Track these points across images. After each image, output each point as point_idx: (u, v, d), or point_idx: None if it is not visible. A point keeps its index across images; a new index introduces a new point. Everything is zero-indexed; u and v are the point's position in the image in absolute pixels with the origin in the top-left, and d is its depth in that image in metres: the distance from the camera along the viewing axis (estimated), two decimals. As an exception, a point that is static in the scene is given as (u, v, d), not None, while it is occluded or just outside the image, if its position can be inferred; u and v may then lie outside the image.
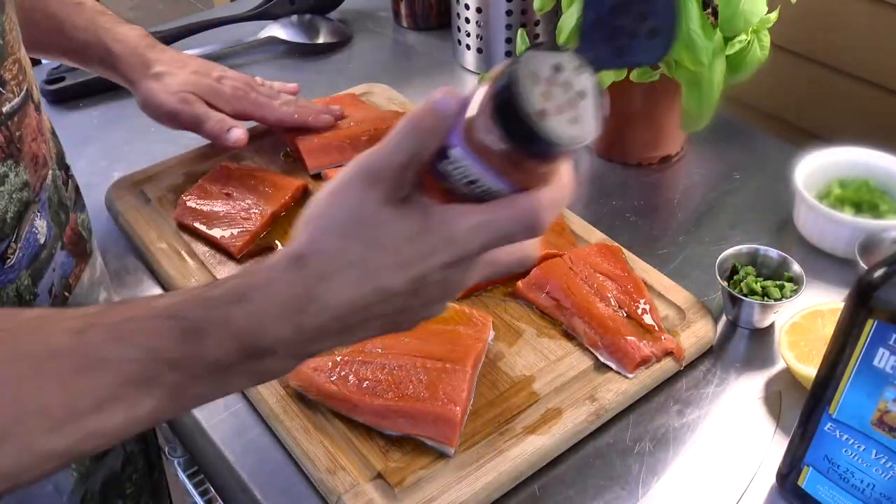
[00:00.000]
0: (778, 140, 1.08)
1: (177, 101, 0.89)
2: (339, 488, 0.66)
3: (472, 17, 1.19)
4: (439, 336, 0.76)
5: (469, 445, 0.69)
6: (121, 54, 0.89)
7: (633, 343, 0.75)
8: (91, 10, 0.90)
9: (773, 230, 0.94)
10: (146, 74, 0.90)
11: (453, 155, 0.46)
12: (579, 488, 0.68)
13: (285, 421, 0.71)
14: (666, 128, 1.01)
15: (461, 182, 0.47)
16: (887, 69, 1.04)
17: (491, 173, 0.46)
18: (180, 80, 0.90)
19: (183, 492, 1.14)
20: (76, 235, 0.73)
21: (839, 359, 0.58)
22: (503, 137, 0.43)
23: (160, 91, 0.89)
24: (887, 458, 0.58)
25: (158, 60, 0.91)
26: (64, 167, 0.74)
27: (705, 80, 0.86)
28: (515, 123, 0.42)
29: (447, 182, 0.48)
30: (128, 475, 0.82)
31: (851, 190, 0.91)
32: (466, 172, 0.47)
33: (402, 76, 1.24)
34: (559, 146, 0.43)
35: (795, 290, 0.79)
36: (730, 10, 0.83)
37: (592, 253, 0.85)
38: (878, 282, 0.54)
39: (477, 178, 0.47)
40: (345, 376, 0.72)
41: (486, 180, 0.46)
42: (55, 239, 0.68)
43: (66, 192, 0.73)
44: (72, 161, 1.07)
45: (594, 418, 0.72)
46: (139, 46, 0.91)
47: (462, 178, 0.47)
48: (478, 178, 0.47)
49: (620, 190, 1.01)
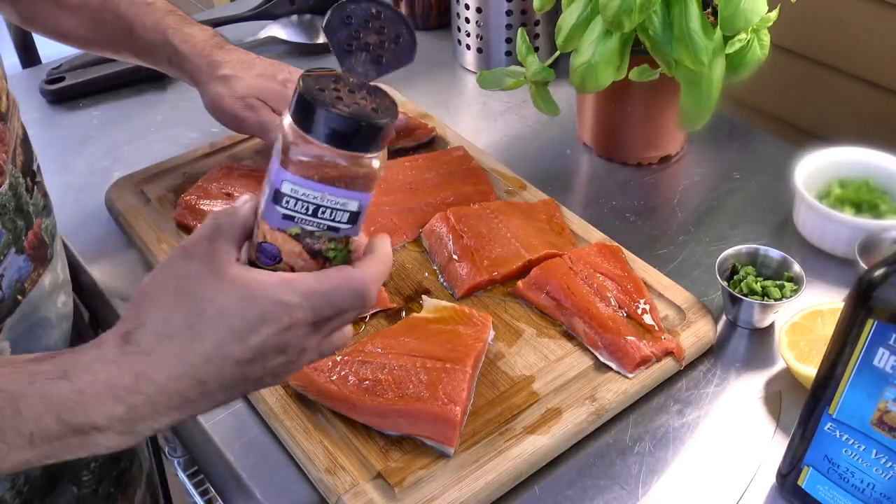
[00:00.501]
0: (778, 140, 1.08)
1: (242, 106, 0.88)
2: (339, 488, 0.66)
3: (472, 17, 1.19)
4: (439, 336, 0.76)
5: (469, 445, 0.69)
6: (187, 54, 0.88)
7: (633, 343, 0.75)
8: (161, 10, 0.90)
9: (773, 230, 0.94)
10: (212, 76, 0.88)
11: (286, 189, 0.50)
12: (579, 488, 0.68)
13: (285, 421, 0.71)
14: (666, 128, 1.01)
15: (305, 219, 0.51)
16: (887, 69, 1.04)
17: (326, 186, 0.50)
18: (246, 83, 0.88)
19: (183, 492, 1.14)
20: (38, 240, 0.73)
21: (839, 359, 0.58)
22: (318, 138, 0.48)
23: (226, 96, 0.88)
24: (887, 458, 0.58)
25: (225, 62, 0.89)
26: (30, 174, 0.74)
27: (705, 80, 0.86)
28: (319, 118, 0.48)
29: (291, 232, 0.51)
30: (84, 463, 0.82)
31: (851, 190, 0.91)
32: (307, 199, 0.50)
33: (402, 76, 1.23)
34: (361, 124, 0.48)
35: (795, 290, 0.79)
36: (730, 10, 0.83)
37: (592, 253, 0.85)
38: (878, 282, 0.54)
39: (318, 203, 0.50)
40: (345, 376, 0.72)
41: (327, 199, 0.50)
42: (6, 245, 0.68)
43: (30, 199, 0.73)
44: (72, 161, 1.07)
45: (594, 418, 0.72)
46: (206, 47, 0.89)
47: (304, 211, 0.50)
48: (318, 200, 0.50)
49: (620, 190, 1.01)
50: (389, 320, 0.81)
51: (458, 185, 0.96)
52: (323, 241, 0.52)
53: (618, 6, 0.81)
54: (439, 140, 1.06)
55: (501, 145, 1.10)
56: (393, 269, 0.87)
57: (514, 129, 1.13)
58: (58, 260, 0.78)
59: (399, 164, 0.98)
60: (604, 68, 0.87)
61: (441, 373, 0.71)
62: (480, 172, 0.98)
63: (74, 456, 0.48)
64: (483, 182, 0.97)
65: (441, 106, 1.18)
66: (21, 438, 0.46)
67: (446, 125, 1.09)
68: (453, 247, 0.86)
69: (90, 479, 0.82)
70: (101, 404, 0.47)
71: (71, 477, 0.81)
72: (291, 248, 0.52)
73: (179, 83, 1.22)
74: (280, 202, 0.50)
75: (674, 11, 0.84)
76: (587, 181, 1.05)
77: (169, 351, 0.48)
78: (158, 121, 1.15)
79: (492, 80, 1.00)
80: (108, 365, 0.47)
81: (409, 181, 0.96)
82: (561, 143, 1.10)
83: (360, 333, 0.80)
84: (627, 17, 0.82)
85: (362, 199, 0.52)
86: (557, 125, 1.13)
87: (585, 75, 0.88)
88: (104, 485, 0.85)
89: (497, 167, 1.00)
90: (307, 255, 0.52)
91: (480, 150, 1.03)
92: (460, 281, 0.83)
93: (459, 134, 1.07)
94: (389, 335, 0.77)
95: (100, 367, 0.47)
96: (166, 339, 0.48)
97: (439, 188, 0.95)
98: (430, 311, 0.80)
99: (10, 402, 0.45)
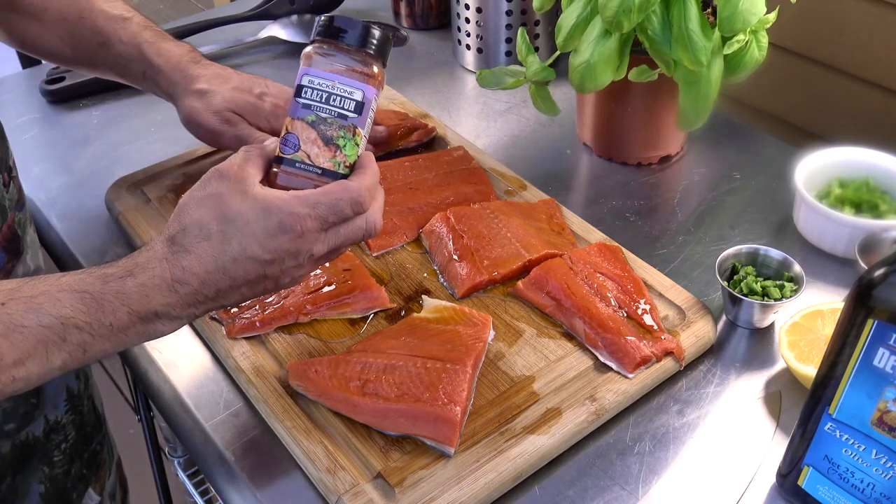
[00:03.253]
0: (778, 140, 1.08)
1: (219, 121, 0.88)
2: (339, 488, 0.66)
3: (472, 17, 1.19)
4: (439, 336, 0.76)
5: (469, 445, 0.69)
6: (163, 68, 0.88)
7: (633, 343, 0.75)
8: (138, 24, 0.89)
9: (773, 230, 0.94)
10: (188, 90, 0.88)
11: (305, 81, 0.64)
12: (579, 488, 0.68)
13: (285, 421, 0.71)
14: (666, 128, 1.01)
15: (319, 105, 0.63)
16: (887, 69, 1.04)
17: (336, 75, 0.64)
18: (222, 97, 0.88)
19: (183, 492, 1.14)
20: (11, 233, 0.75)
21: (839, 359, 0.58)
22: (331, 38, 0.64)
23: (202, 110, 0.88)
24: (887, 458, 0.58)
25: (201, 76, 0.89)
26: (6, 169, 0.75)
27: (703, 80, 0.86)
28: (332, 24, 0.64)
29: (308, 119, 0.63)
30: (55, 444, 0.83)
31: (851, 190, 0.91)
32: (321, 88, 0.63)
33: (402, 76, 1.24)
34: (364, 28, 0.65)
35: (795, 290, 0.79)
36: (729, 10, 0.83)
37: (592, 253, 0.85)
38: (878, 282, 0.54)
39: (330, 91, 0.63)
40: (345, 376, 0.72)
41: (337, 87, 0.64)
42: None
43: (6, 193, 0.74)
44: (72, 161, 1.07)
45: (594, 418, 0.72)
46: (182, 61, 0.89)
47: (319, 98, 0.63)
48: (330, 88, 0.63)
49: (620, 190, 1.01)
50: (389, 320, 0.81)
51: (458, 185, 0.96)
52: (334, 128, 0.64)
53: (617, 6, 0.81)
54: (439, 140, 1.06)
55: (501, 145, 1.10)
56: (393, 269, 0.87)
57: (514, 129, 1.13)
58: (32, 251, 0.79)
59: (399, 164, 0.98)
60: (603, 68, 0.87)
61: (441, 373, 0.71)
62: (480, 172, 0.98)
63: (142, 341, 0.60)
64: (483, 182, 0.97)
65: (441, 106, 1.18)
66: (103, 329, 0.56)
67: (446, 125, 1.09)
68: (453, 247, 0.86)
69: (61, 459, 0.83)
70: (159, 294, 0.58)
71: (42, 457, 0.81)
72: (308, 136, 0.64)
73: (179, 83, 1.22)
74: (300, 94, 0.64)
75: (673, 12, 0.84)
76: (587, 181, 1.05)
77: (205, 249, 0.59)
78: (158, 121, 1.15)
79: (492, 79, 1.00)
80: (162, 262, 0.58)
81: (409, 181, 0.96)
82: (561, 143, 1.10)
83: (361, 333, 0.80)
84: (626, 17, 0.82)
85: (366, 91, 0.64)
86: (557, 125, 1.13)
87: (584, 75, 0.88)
88: (76, 465, 0.85)
89: (497, 167, 1.00)
90: (321, 141, 0.64)
91: (480, 150, 1.03)
92: (460, 281, 0.83)
93: (459, 134, 1.07)
94: (389, 335, 0.77)
95: (155, 263, 0.58)
96: (204, 241, 0.59)
97: (439, 188, 0.95)
98: (430, 311, 0.80)
99: (94, 300, 0.56)
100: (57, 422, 0.82)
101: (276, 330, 0.79)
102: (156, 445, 1.19)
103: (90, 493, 0.89)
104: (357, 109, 0.65)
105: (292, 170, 0.64)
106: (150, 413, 1.17)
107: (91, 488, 0.89)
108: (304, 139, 0.64)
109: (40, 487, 0.81)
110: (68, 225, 0.97)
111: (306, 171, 0.64)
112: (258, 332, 0.79)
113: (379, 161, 0.98)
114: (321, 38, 0.65)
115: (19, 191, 0.78)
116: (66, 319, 0.55)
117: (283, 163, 0.64)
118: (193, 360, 0.80)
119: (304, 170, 0.64)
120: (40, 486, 0.81)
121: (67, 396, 0.84)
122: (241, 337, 0.79)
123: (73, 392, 0.85)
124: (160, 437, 1.23)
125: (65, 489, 0.84)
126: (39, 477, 0.81)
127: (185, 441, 0.77)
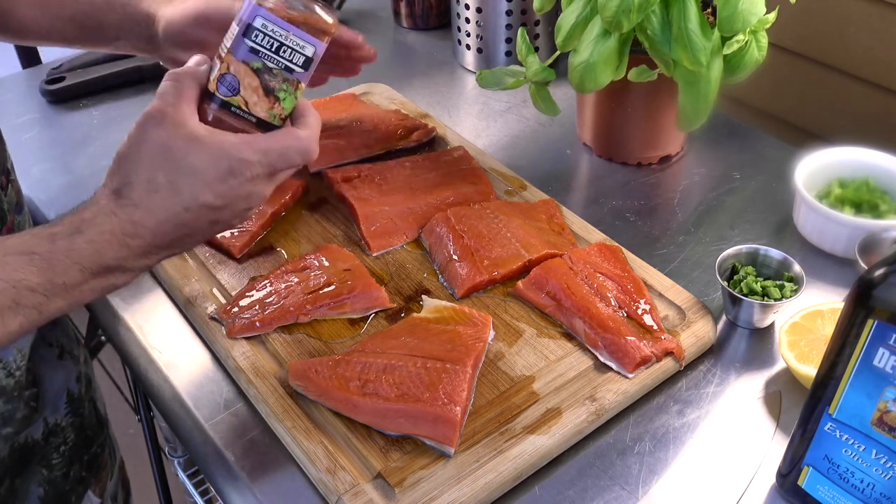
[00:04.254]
0: (778, 140, 1.08)
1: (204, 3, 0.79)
2: (339, 488, 0.66)
3: (472, 17, 1.19)
4: (439, 336, 0.76)
5: (469, 445, 0.69)
6: None
7: (633, 343, 0.75)
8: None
9: (773, 230, 0.94)
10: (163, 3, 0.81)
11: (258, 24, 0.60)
12: (579, 488, 0.68)
13: (285, 421, 0.71)
14: (666, 128, 1.01)
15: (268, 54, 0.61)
16: (887, 69, 1.04)
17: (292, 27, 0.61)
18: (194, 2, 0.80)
19: (183, 492, 1.14)
20: None
21: (839, 359, 0.58)
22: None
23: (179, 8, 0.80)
24: (887, 458, 0.58)
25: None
26: (4, 172, 0.75)
27: (703, 80, 0.86)
28: None
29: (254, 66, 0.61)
30: (53, 446, 0.83)
31: (851, 190, 0.91)
32: (274, 35, 0.61)
33: (402, 76, 1.24)
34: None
35: (795, 290, 0.79)
36: (728, 10, 0.83)
37: (592, 253, 0.85)
38: (878, 282, 0.54)
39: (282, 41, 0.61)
40: (345, 376, 0.72)
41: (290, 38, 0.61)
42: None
43: (4, 197, 0.74)
44: (72, 161, 1.07)
45: (594, 418, 0.72)
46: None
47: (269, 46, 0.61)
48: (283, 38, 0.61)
49: (620, 190, 1.01)
50: (389, 320, 0.81)
51: (458, 185, 0.96)
52: (278, 80, 0.62)
53: (616, 6, 0.81)
54: (439, 140, 1.06)
55: (501, 145, 1.10)
56: (393, 269, 0.87)
57: (514, 129, 1.13)
58: None
59: (399, 164, 0.98)
60: (602, 68, 0.87)
61: (441, 373, 0.71)
62: (480, 172, 0.98)
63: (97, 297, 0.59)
64: (483, 182, 0.97)
65: (441, 106, 1.18)
66: (56, 288, 0.56)
67: (446, 125, 1.09)
68: (453, 247, 0.86)
69: (60, 461, 0.83)
70: (110, 248, 0.57)
71: (41, 459, 0.81)
72: (250, 82, 0.61)
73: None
74: (249, 35, 0.61)
75: (672, 11, 0.84)
76: (587, 181, 1.05)
77: (155, 202, 0.58)
78: (158, 121, 1.15)
79: (492, 79, 1.00)
80: (110, 216, 0.57)
81: (409, 181, 0.96)
82: (561, 143, 1.10)
83: (361, 333, 0.80)
84: (626, 17, 0.82)
85: (317, 47, 0.62)
86: (557, 125, 1.13)
87: (584, 75, 0.88)
88: (75, 468, 0.85)
89: (497, 167, 1.00)
90: (262, 90, 0.62)
91: (480, 150, 1.03)
92: (460, 281, 0.83)
93: (459, 134, 1.08)
94: (389, 335, 0.77)
95: (103, 218, 0.57)
96: (153, 193, 0.58)
97: (439, 188, 0.95)
98: (430, 311, 0.80)
99: (44, 260, 0.55)
100: (56, 424, 0.82)
101: (276, 330, 0.79)
102: (156, 445, 1.19)
103: (90, 495, 0.89)
104: (305, 65, 0.63)
105: (226, 113, 0.62)
106: (150, 413, 1.17)
107: (91, 490, 0.89)
108: (244, 84, 0.62)
109: (39, 490, 0.81)
110: (68, 225, 0.97)
111: (241, 117, 0.62)
112: (258, 332, 0.79)
113: (379, 161, 0.99)
114: None
115: (18, 193, 0.78)
116: (17, 283, 0.54)
117: (217, 104, 0.62)
118: (193, 360, 0.80)
119: (240, 116, 0.62)
120: (39, 489, 0.81)
121: (68, 400, 0.84)
122: (241, 337, 0.79)
123: (73, 395, 0.85)
124: (160, 437, 1.23)
125: (64, 492, 0.84)
126: (38, 479, 0.81)
127: (185, 441, 0.77)
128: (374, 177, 0.96)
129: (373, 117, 1.05)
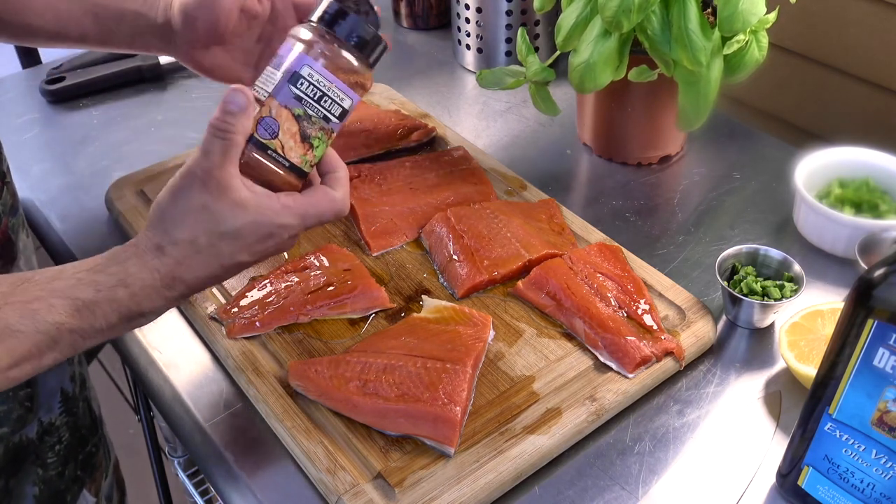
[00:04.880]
0: (778, 140, 1.08)
1: None
2: (339, 488, 0.66)
3: (472, 17, 1.19)
4: (439, 336, 0.76)
5: (469, 445, 0.69)
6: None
7: (633, 343, 0.75)
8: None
9: (773, 230, 0.94)
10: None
11: (305, 73, 0.62)
12: (579, 488, 0.68)
13: (285, 421, 0.71)
14: (666, 128, 1.01)
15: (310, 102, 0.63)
16: (887, 69, 1.04)
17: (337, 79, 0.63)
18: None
19: (183, 492, 1.14)
20: (5, 238, 0.75)
21: (839, 359, 0.58)
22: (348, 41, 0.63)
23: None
24: (887, 458, 0.58)
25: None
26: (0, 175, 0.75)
27: (703, 80, 0.86)
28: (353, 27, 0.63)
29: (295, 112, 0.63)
30: (48, 446, 0.83)
31: (851, 190, 0.91)
32: (318, 85, 0.63)
33: (402, 76, 1.24)
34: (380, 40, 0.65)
35: (795, 290, 0.79)
36: (729, 10, 0.83)
37: (592, 253, 0.85)
38: (878, 282, 0.54)
39: (325, 91, 0.63)
40: (345, 376, 0.72)
41: (333, 90, 0.63)
42: None
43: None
44: (72, 161, 1.07)
45: (594, 418, 0.72)
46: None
47: (312, 95, 0.63)
48: (326, 89, 0.63)
49: (620, 190, 1.01)
50: (389, 320, 0.81)
51: (458, 185, 0.96)
52: (315, 128, 0.64)
53: (616, 6, 0.81)
54: (439, 140, 1.06)
55: (501, 145, 1.10)
56: (393, 269, 0.87)
57: (514, 129, 1.13)
58: (21, 256, 0.79)
59: (399, 164, 0.98)
60: (602, 68, 0.87)
61: (441, 373, 0.71)
62: (480, 172, 0.98)
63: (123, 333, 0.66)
64: (483, 182, 0.97)
65: (441, 106, 1.18)
66: (94, 331, 0.60)
67: (446, 125, 1.09)
68: (453, 247, 0.86)
69: (55, 461, 0.83)
70: (149, 300, 0.61)
71: (35, 459, 0.81)
72: (289, 127, 0.63)
73: (179, 83, 1.22)
74: (295, 83, 0.62)
75: (672, 12, 0.84)
76: (587, 181, 1.05)
77: (196, 261, 0.61)
78: (158, 121, 1.15)
79: (492, 79, 1.00)
80: (153, 273, 0.61)
81: (409, 181, 0.96)
82: (561, 143, 1.10)
83: (361, 333, 0.80)
84: (626, 17, 0.82)
85: (354, 100, 0.65)
86: (557, 125, 1.13)
87: (584, 75, 0.88)
88: (70, 467, 0.86)
89: (497, 167, 1.00)
90: (299, 136, 0.63)
91: (480, 150, 1.03)
92: (460, 281, 0.83)
93: (459, 134, 1.08)
94: (389, 335, 0.77)
95: (146, 273, 0.60)
96: (195, 253, 0.61)
97: (439, 188, 0.95)
98: (430, 311, 0.80)
99: (87, 308, 0.58)
100: (51, 424, 0.82)
101: (276, 330, 0.79)
102: (156, 445, 1.19)
103: (85, 494, 0.89)
104: (341, 116, 0.65)
105: (262, 154, 0.63)
106: (150, 413, 1.17)
107: (86, 490, 0.89)
108: (284, 129, 0.63)
109: (34, 489, 0.81)
110: (68, 225, 0.97)
111: (276, 160, 0.63)
112: (258, 332, 0.79)
113: (379, 161, 0.99)
114: (331, 33, 0.63)
115: (13, 196, 0.78)
116: (60, 325, 0.57)
117: (256, 145, 0.62)
118: (193, 360, 0.80)
119: (275, 159, 0.63)
120: (34, 489, 0.81)
121: (62, 399, 0.84)
122: (241, 337, 0.79)
123: (68, 395, 0.85)
124: (160, 437, 1.23)
125: (59, 491, 0.84)
126: (33, 479, 0.81)
127: (184, 441, 0.77)
128: (374, 177, 0.96)
129: (373, 117, 1.05)
